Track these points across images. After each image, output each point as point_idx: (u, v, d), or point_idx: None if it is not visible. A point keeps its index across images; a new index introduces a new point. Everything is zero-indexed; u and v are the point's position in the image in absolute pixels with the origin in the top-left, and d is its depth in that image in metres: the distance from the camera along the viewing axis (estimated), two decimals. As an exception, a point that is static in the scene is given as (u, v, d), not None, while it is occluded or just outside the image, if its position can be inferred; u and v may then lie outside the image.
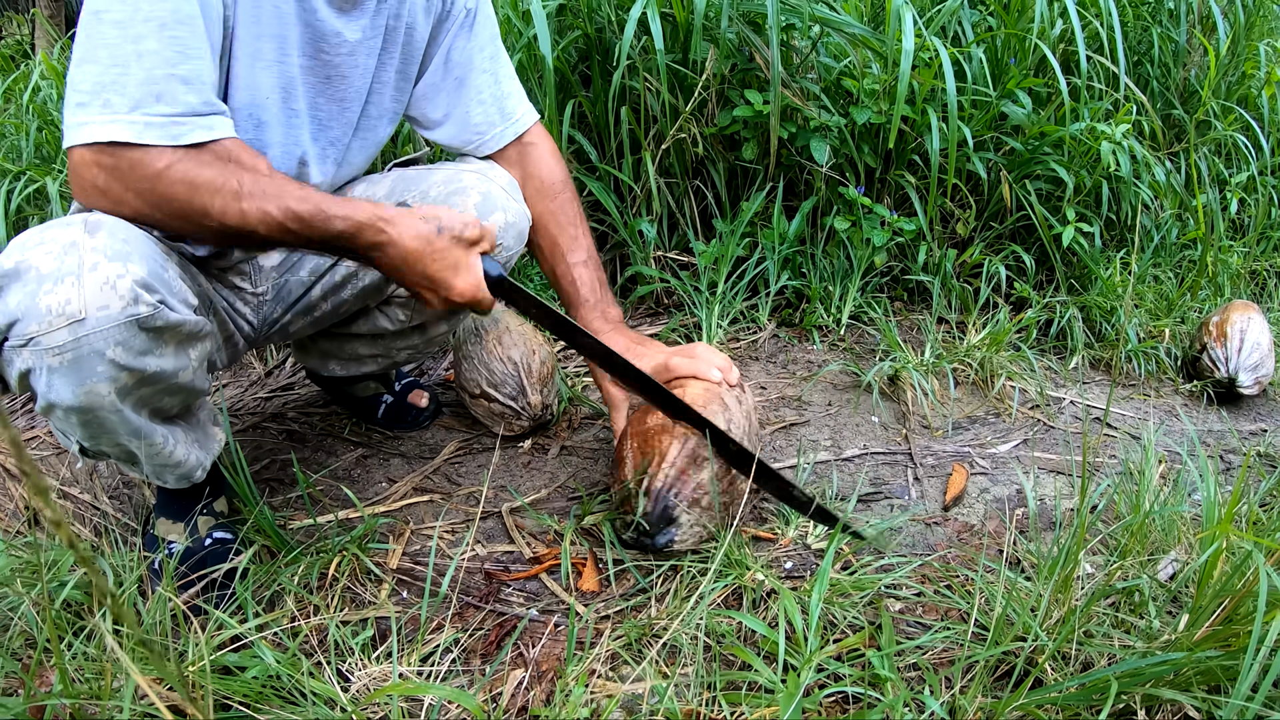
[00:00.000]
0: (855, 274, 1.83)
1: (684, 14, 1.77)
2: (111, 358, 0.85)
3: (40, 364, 0.83)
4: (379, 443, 1.47)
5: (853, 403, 1.60)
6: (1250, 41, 2.63)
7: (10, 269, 0.83)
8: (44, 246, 0.84)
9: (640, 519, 1.04)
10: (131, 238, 0.88)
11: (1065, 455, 1.52)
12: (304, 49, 1.05)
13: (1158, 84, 2.48)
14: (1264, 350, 1.89)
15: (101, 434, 0.92)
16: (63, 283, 0.82)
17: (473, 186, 1.21)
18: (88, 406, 0.87)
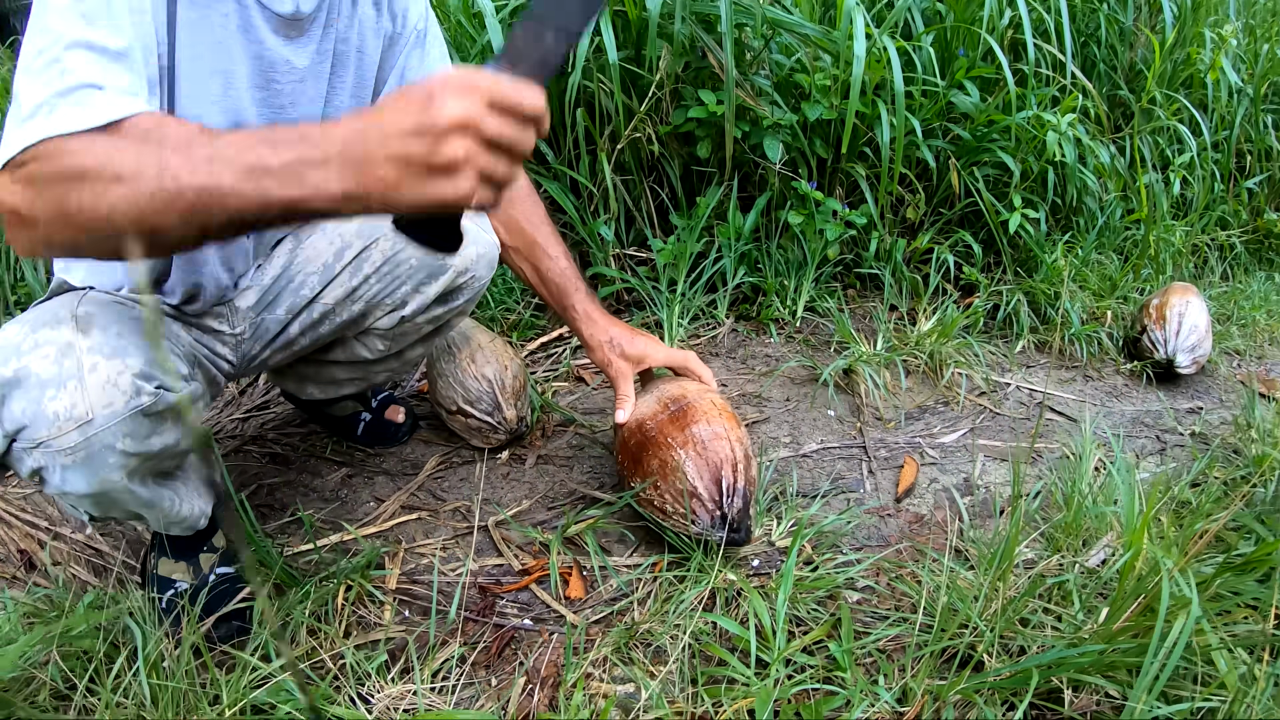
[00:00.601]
0: (809, 267, 2.04)
1: (636, 11, 1.93)
2: (121, 448, 0.97)
3: (53, 463, 0.95)
4: (361, 461, 1.63)
5: (810, 397, 1.81)
6: (1196, 25, 2.87)
7: (10, 377, 0.92)
8: (39, 351, 0.93)
9: (732, 516, 1.23)
10: (123, 329, 0.98)
11: (1010, 442, 1.75)
12: (254, 80, 1.11)
13: (1104, 65, 2.71)
14: (1201, 332, 2.15)
15: (112, 508, 1.06)
16: (65, 387, 0.92)
17: None
18: (101, 492, 1.00)
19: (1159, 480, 1.59)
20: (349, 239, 1.36)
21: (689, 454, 1.28)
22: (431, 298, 1.38)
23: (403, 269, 1.36)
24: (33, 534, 1.55)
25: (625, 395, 1.44)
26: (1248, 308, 2.67)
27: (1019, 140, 2.25)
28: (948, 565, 1.25)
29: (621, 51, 1.91)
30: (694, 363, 1.47)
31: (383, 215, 0.77)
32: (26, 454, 0.95)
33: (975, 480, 1.60)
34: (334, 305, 1.36)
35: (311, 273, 1.35)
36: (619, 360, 1.45)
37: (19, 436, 0.94)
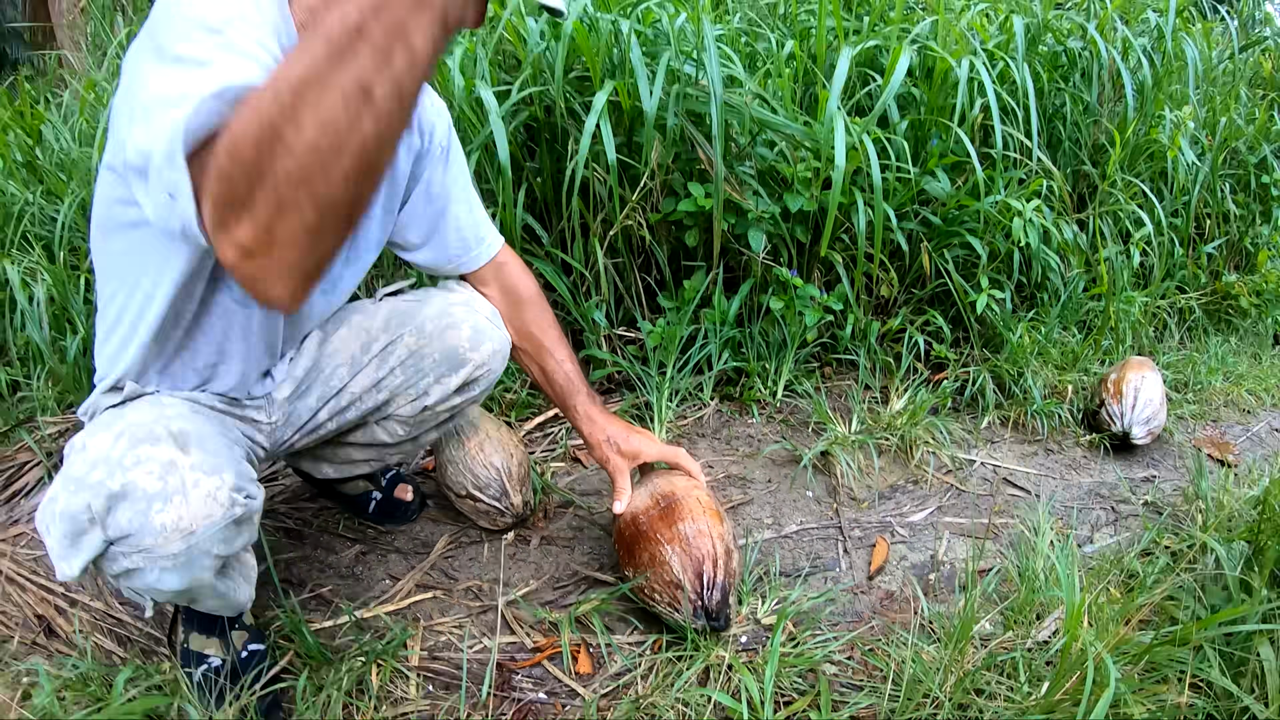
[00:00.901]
0: (789, 349, 2.29)
1: (630, 102, 2.17)
2: (215, 552, 1.16)
3: (152, 566, 1.13)
4: (374, 538, 1.84)
5: (790, 478, 2.05)
6: (1157, 101, 3.17)
7: (117, 490, 1.09)
8: (142, 467, 1.10)
9: (711, 607, 1.44)
10: (216, 445, 1.18)
11: (974, 518, 1.99)
12: None
13: (1069, 142, 3.00)
14: (1155, 405, 2.41)
15: (190, 599, 1.25)
16: (171, 502, 1.10)
17: (463, 320, 1.58)
18: (189, 588, 1.19)
19: (1107, 553, 1.85)
20: (375, 334, 1.59)
21: (675, 550, 1.50)
22: (452, 389, 1.59)
23: (426, 362, 1.58)
24: (48, 599, 1.73)
25: (622, 489, 1.65)
26: (1204, 372, 2.95)
27: (987, 223, 2.52)
28: (913, 640, 1.48)
29: (616, 137, 2.15)
30: (683, 459, 1.69)
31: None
32: (124, 556, 1.12)
33: (940, 557, 1.84)
34: (360, 394, 1.58)
35: (340, 364, 1.57)
36: (616, 457, 1.66)
37: (120, 542, 1.11)
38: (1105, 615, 1.52)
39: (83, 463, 1.11)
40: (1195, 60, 3.25)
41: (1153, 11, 3.41)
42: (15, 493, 2.21)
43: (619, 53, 2.21)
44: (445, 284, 1.68)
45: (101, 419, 1.22)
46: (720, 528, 1.55)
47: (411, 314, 1.60)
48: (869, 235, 2.24)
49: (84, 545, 1.11)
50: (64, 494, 1.10)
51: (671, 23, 2.19)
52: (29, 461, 2.28)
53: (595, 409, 1.69)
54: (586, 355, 2.28)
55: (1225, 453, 2.51)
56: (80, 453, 1.14)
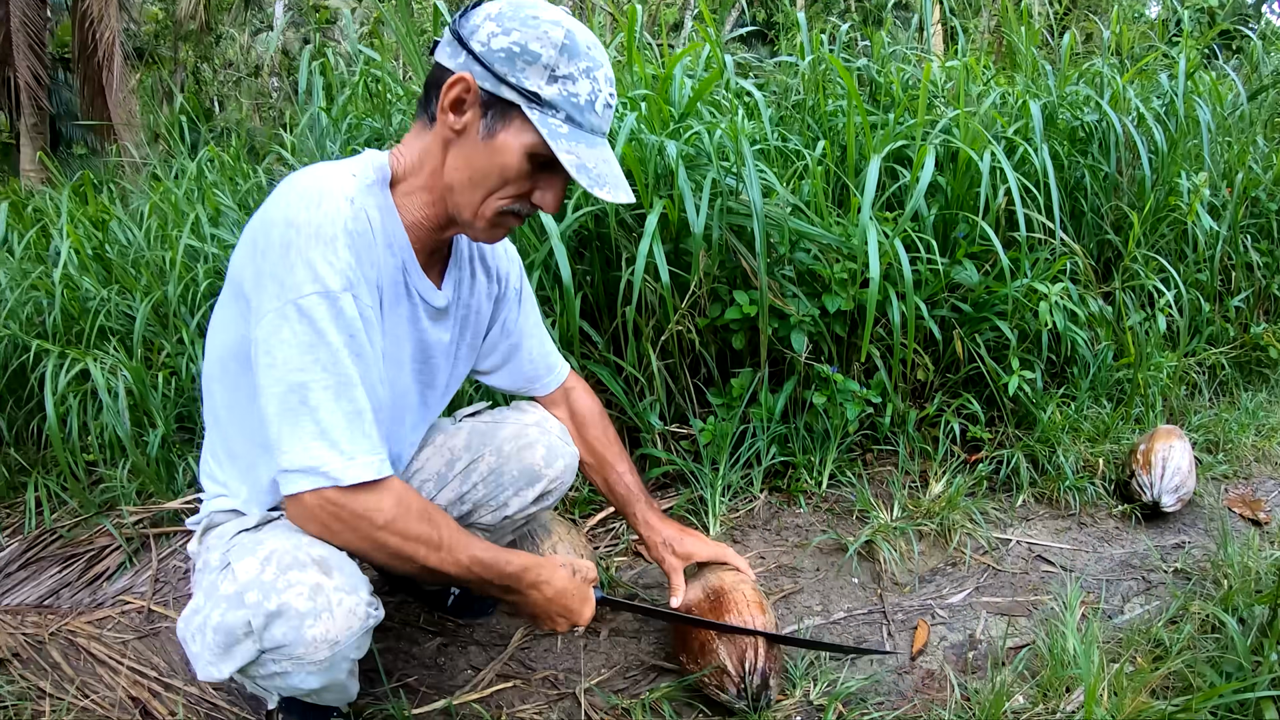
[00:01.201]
0: (832, 441, 2.56)
1: (676, 214, 2.47)
2: (352, 656, 1.45)
3: (299, 671, 1.40)
4: (453, 630, 2.12)
5: (837, 566, 2.31)
6: (1175, 163, 3.44)
7: (274, 610, 1.36)
8: (294, 589, 1.37)
9: (752, 690, 1.71)
10: (351, 569, 1.45)
11: (1010, 597, 2.24)
12: (415, 359, 1.65)
13: (1092, 214, 3.27)
14: (1184, 472, 2.64)
15: (324, 694, 1.53)
16: (320, 618, 1.38)
17: (537, 440, 1.87)
18: (326, 687, 1.47)
19: (1136, 623, 2.09)
20: (458, 453, 1.88)
21: (722, 639, 1.77)
22: (529, 500, 1.88)
23: (505, 478, 1.87)
24: (141, 681, 2.02)
25: (678, 586, 1.93)
26: (1235, 430, 3.18)
27: (1016, 306, 2.78)
28: (949, 717, 1.74)
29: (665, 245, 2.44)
30: (730, 556, 1.97)
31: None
32: (274, 663, 1.39)
33: (978, 636, 2.08)
34: (445, 506, 1.86)
35: (426, 479, 1.87)
36: (671, 558, 1.94)
37: (272, 651, 1.38)
38: (1127, 685, 1.76)
39: (234, 584, 1.38)
40: (1208, 123, 3.51)
41: (1164, 74, 3.69)
42: (97, 576, 2.52)
43: (664, 164, 2.51)
44: (518, 404, 1.97)
45: (241, 543, 1.48)
46: (763, 617, 1.81)
47: (490, 435, 1.89)
48: (903, 327, 2.51)
49: (236, 654, 1.38)
50: (217, 610, 1.38)
51: (711, 138, 2.50)
52: (108, 546, 2.60)
53: (653, 514, 1.98)
54: (643, 454, 2.57)
55: (1257, 510, 2.73)
56: (223, 572, 1.43)
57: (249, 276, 1.37)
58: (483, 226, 1.47)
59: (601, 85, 1.42)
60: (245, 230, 1.43)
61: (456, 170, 1.43)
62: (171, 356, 2.97)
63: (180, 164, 3.93)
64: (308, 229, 1.32)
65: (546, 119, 1.37)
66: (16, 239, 3.75)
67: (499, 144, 1.39)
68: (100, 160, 7.50)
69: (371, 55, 3.58)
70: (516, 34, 1.36)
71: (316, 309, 1.31)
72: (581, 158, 1.38)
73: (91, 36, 7.28)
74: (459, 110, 1.40)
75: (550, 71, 1.36)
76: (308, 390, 1.33)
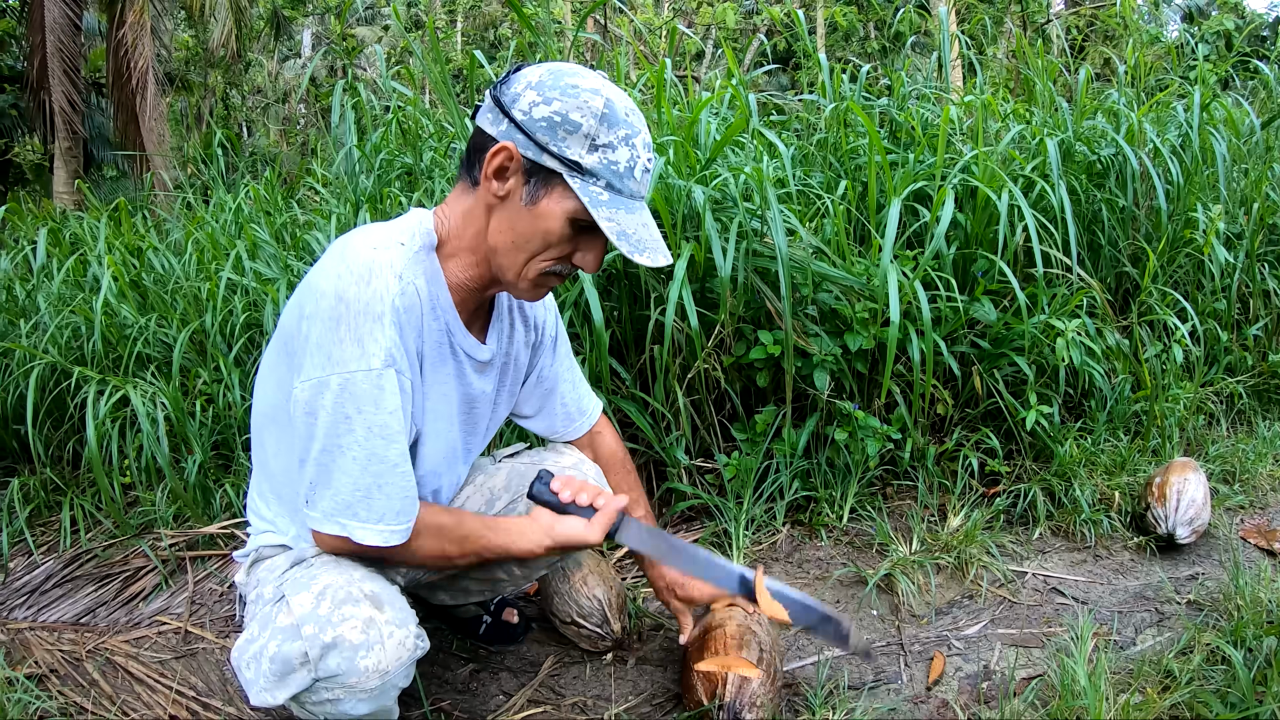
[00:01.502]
0: (854, 476, 2.66)
1: (702, 254, 2.57)
2: (399, 685, 1.56)
3: (351, 697, 1.51)
4: (485, 657, 2.22)
5: (856, 598, 2.40)
6: (1191, 195, 3.53)
7: (330, 642, 1.48)
8: (349, 623, 1.49)
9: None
10: (401, 604, 1.58)
11: (1024, 629, 2.33)
12: (461, 411, 1.76)
13: (1109, 247, 3.36)
14: (1199, 505, 2.72)
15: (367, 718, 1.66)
16: (372, 650, 1.49)
17: None
18: (374, 714, 1.57)
19: (1148, 654, 2.16)
20: (497, 493, 1.99)
21: (699, 677, 1.88)
22: None
23: None
24: (180, 700, 2.12)
25: (686, 627, 2.03)
26: (1252, 460, 3.25)
27: (1033, 341, 2.87)
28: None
29: (691, 283, 2.55)
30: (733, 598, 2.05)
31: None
32: (327, 690, 1.51)
33: (993, 667, 2.17)
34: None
35: None
36: (675, 601, 2.04)
37: (326, 680, 1.49)
38: (1134, 715, 1.85)
39: (290, 617, 1.51)
40: (1224, 156, 3.59)
41: (1180, 104, 3.78)
42: (133, 596, 2.64)
43: (690, 206, 2.62)
44: (555, 447, 2.08)
45: (295, 578, 1.60)
46: (739, 654, 1.89)
47: (528, 477, 1.99)
48: (923, 364, 2.61)
49: (291, 682, 1.50)
50: (274, 641, 1.50)
51: (736, 182, 2.61)
52: (144, 568, 2.72)
53: None
54: (669, 488, 2.67)
55: (1272, 541, 2.80)
56: (277, 605, 1.56)
57: (298, 337, 1.50)
58: (525, 287, 1.58)
59: (640, 151, 1.50)
60: (296, 292, 1.55)
61: (500, 234, 1.53)
62: (208, 384, 3.09)
63: (217, 196, 4.07)
64: (357, 305, 1.43)
65: (588, 187, 1.45)
66: (55, 265, 3.90)
67: (541, 210, 1.49)
68: (131, 183, 7.71)
69: (404, 91, 3.71)
70: (558, 104, 1.44)
71: (359, 385, 1.45)
72: (622, 224, 1.46)
73: (126, 65, 7.52)
74: (503, 177, 1.49)
75: (591, 140, 1.44)
76: (337, 457, 1.48)
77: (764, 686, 1.86)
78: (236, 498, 2.86)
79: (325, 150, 4.85)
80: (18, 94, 9.42)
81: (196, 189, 4.93)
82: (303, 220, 3.76)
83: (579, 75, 1.47)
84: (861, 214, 2.93)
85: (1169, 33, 6.10)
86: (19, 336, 3.42)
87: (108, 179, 8.98)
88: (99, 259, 3.78)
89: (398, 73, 4.22)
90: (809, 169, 3.24)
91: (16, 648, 2.34)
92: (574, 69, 1.50)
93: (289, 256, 3.32)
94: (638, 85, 3.59)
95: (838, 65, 3.65)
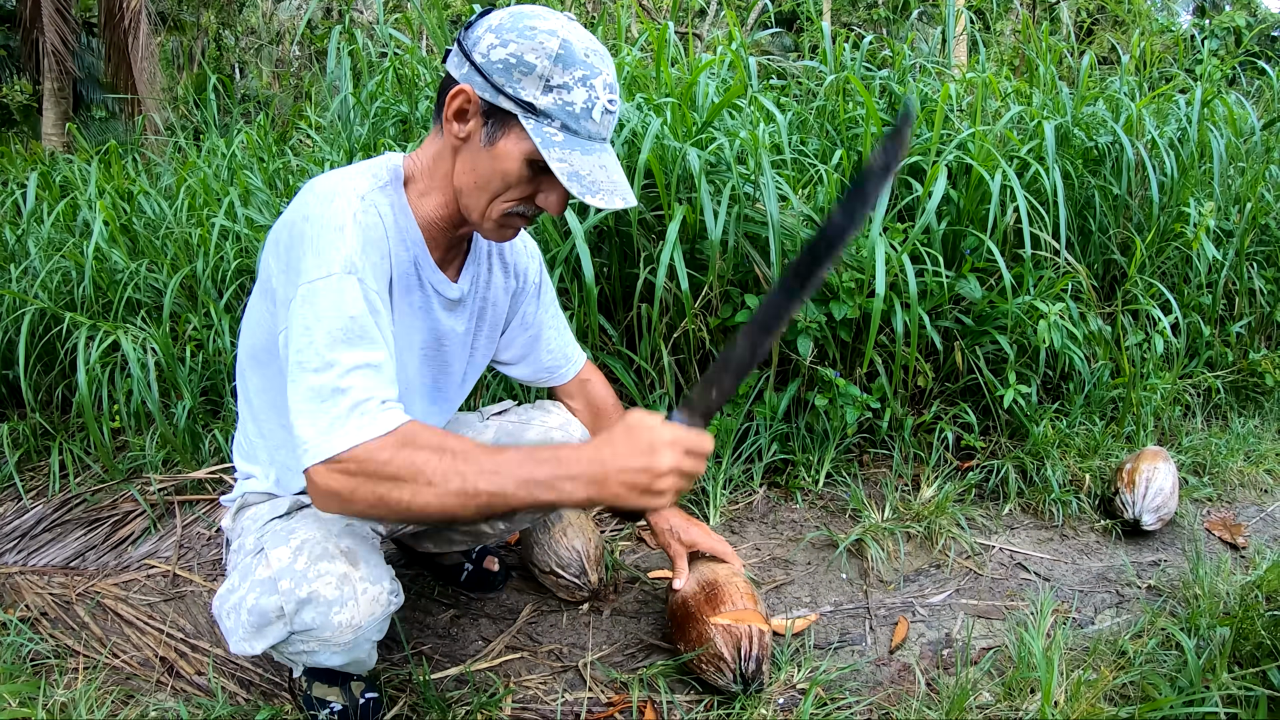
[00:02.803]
0: (831, 442, 2.79)
1: (695, 217, 2.69)
2: (373, 638, 1.66)
3: (325, 650, 1.61)
4: (466, 604, 2.35)
5: (827, 561, 2.54)
6: (1185, 189, 3.65)
7: (305, 597, 1.56)
8: (323, 579, 1.57)
9: (748, 675, 1.93)
10: (376, 560, 1.66)
11: (988, 601, 2.47)
12: (426, 346, 1.81)
13: (1099, 234, 3.48)
14: (1166, 493, 2.85)
15: (340, 667, 1.74)
16: (345, 606, 1.58)
17: (562, 443, 2.09)
18: (348, 663, 1.69)
19: (1104, 634, 2.30)
20: None
21: (718, 629, 1.98)
22: None
23: None
24: (168, 642, 2.24)
25: (682, 570, 2.15)
26: (1223, 455, 3.39)
27: (1016, 322, 3.00)
28: (918, 706, 1.97)
29: (683, 246, 2.66)
30: (727, 550, 2.17)
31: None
32: (302, 642, 1.60)
33: (954, 635, 2.31)
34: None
35: None
36: (675, 544, 2.16)
37: (302, 633, 1.59)
38: (1085, 691, 1.99)
39: (268, 570, 1.60)
40: (1221, 154, 3.71)
41: (1181, 97, 3.89)
42: (122, 540, 2.75)
43: (685, 168, 2.73)
44: (542, 404, 2.18)
45: (275, 530, 1.69)
46: (754, 607, 2.03)
47: (516, 435, 2.10)
48: (906, 337, 2.74)
49: (268, 634, 1.59)
50: (252, 594, 1.59)
51: (731, 147, 2.72)
52: (132, 512, 2.83)
53: None
54: (649, 444, 2.79)
55: (1236, 535, 2.94)
56: (257, 556, 1.65)
57: (275, 274, 1.57)
58: (490, 227, 1.64)
59: (600, 92, 1.51)
60: (270, 232, 1.62)
61: (463, 175, 1.60)
62: (198, 330, 3.19)
63: (210, 141, 4.15)
64: (319, 221, 1.48)
65: (541, 128, 1.50)
66: (45, 209, 3.98)
67: (499, 151, 1.54)
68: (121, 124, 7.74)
69: (401, 39, 3.79)
70: (513, 45, 1.47)
71: (319, 292, 1.45)
72: (575, 165, 1.50)
73: (119, 4, 7.54)
74: (462, 119, 1.55)
75: (545, 81, 1.48)
76: (304, 373, 1.43)
77: (771, 639, 2.00)
78: (225, 443, 2.96)
79: (320, 95, 4.92)
80: (7, 33, 9.44)
81: (188, 131, 5.01)
82: (296, 168, 3.85)
83: (538, 17, 1.50)
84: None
85: (1181, 22, 6.17)
86: (9, 281, 3.51)
87: (97, 120, 9.01)
88: (89, 203, 3.86)
89: (395, 20, 4.28)
90: (806, 135, 3.34)
91: (7, 591, 2.45)
92: (536, 11, 1.52)
93: (282, 204, 3.41)
94: (638, 43, 3.67)
95: (842, 31, 3.74)
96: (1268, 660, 2.02)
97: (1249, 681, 1.98)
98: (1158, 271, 3.67)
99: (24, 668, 2.10)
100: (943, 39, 3.97)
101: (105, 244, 3.49)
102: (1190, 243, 3.53)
